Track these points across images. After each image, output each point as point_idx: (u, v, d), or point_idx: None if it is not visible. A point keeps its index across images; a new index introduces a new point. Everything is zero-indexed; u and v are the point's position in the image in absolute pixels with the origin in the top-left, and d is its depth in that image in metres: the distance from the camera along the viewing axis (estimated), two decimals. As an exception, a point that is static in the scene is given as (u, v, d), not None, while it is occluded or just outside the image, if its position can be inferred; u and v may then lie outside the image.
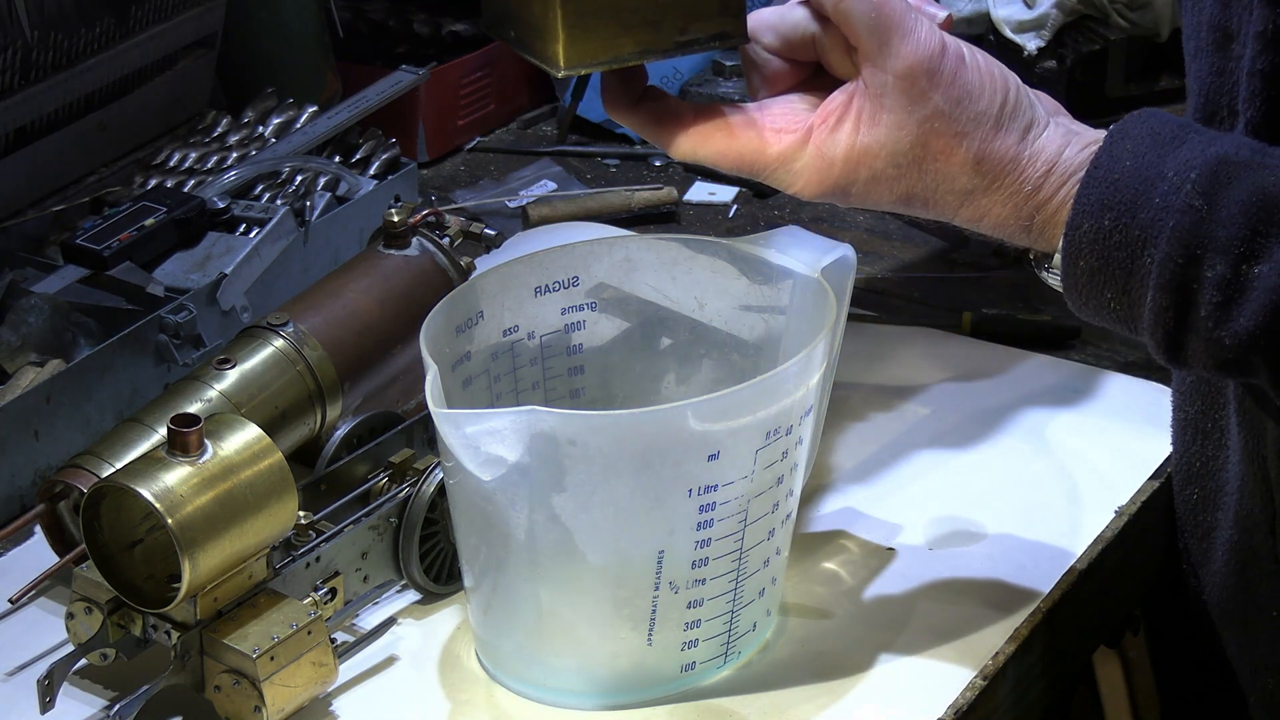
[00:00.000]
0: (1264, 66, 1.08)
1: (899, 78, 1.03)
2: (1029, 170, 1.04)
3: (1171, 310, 1.00)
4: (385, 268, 1.33)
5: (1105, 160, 1.02)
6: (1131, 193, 1.01)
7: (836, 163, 1.04)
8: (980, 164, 1.04)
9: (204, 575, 1.09)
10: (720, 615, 1.13)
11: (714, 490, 1.08)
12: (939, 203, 1.05)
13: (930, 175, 1.04)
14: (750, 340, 1.23)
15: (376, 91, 1.65)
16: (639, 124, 1.07)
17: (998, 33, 1.70)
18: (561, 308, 1.22)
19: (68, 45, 1.52)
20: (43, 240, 1.51)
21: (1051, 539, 1.26)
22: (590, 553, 1.09)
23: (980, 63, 1.04)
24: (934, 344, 1.46)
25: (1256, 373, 1.00)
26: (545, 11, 1.03)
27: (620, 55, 1.04)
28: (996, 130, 1.04)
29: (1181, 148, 1.01)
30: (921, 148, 1.03)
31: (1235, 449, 1.19)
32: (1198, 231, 0.99)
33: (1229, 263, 0.98)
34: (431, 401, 1.07)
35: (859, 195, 1.05)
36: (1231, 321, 0.99)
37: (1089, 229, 1.02)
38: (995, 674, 1.15)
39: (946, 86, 1.03)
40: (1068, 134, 1.05)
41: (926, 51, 1.03)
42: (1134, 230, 1.00)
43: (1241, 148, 1.00)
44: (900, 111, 1.03)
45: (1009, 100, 1.04)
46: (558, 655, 1.13)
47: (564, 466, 1.06)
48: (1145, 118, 1.03)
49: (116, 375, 1.34)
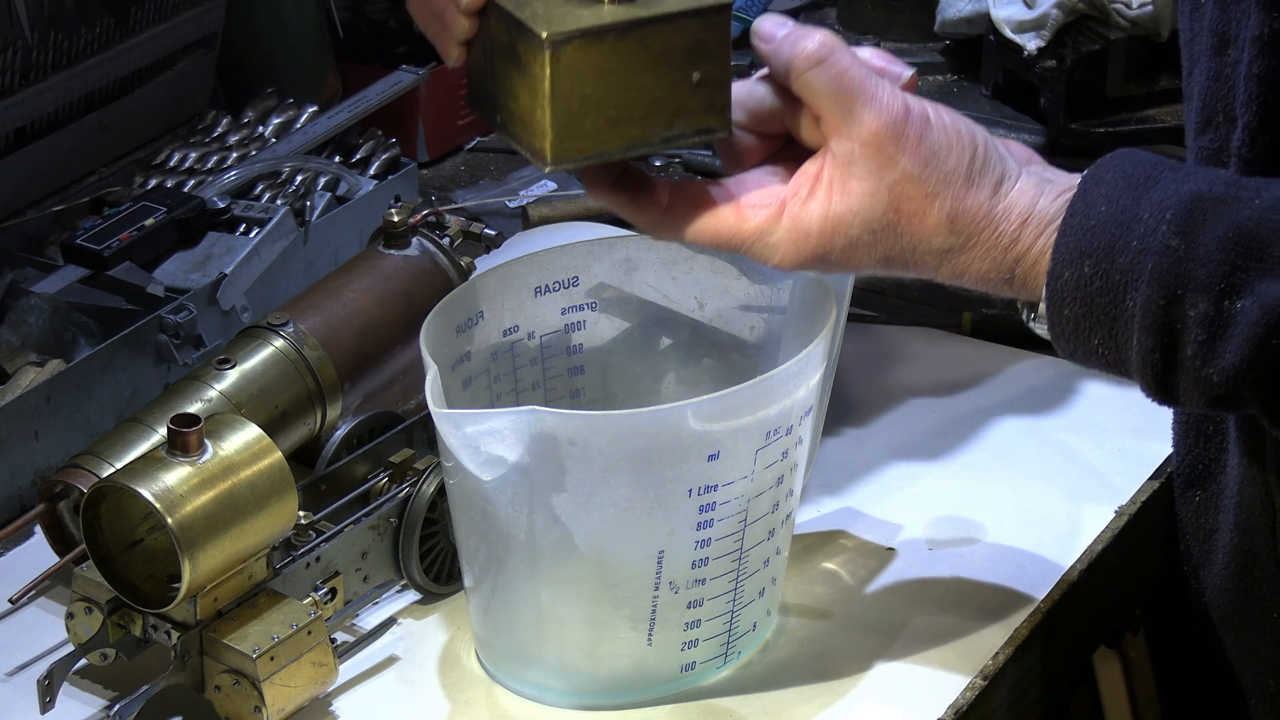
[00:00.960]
0: (1260, 70, 1.08)
1: (865, 145, 1.03)
2: (1004, 224, 1.04)
3: (1158, 352, 1.00)
4: (385, 268, 1.33)
5: (1080, 207, 1.02)
6: (1108, 238, 1.01)
7: (812, 233, 1.05)
8: (954, 222, 1.04)
9: (204, 575, 1.09)
10: (720, 615, 1.13)
11: (714, 490, 1.08)
12: (918, 263, 1.05)
13: (906, 237, 1.04)
14: (750, 340, 1.23)
15: (376, 91, 1.65)
16: (617, 205, 1.08)
17: (998, 33, 1.70)
18: (561, 308, 1.22)
19: (68, 45, 1.52)
20: (43, 240, 1.51)
21: (1051, 539, 1.26)
22: (590, 553, 1.09)
23: (946, 121, 1.04)
24: (934, 344, 1.46)
25: (1249, 406, 1.00)
26: (534, 107, 1.03)
27: (606, 151, 1.04)
28: (968, 187, 1.04)
29: (1155, 188, 1.01)
30: (894, 211, 1.04)
31: (1235, 452, 1.19)
32: (1177, 271, 0.99)
33: (1211, 300, 0.98)
34: (431, 401, 1.07)
35: (838, 262, 1.06)
36: (1218, 358, 0.99)
37: (1070, 277, 1.02)
38: (995, 674, 1.15)
39: (913, 149, 1.03)
40: (1040, 183, 1.05)
41: (890, 117, 1.03)
42: (1114, 275, 1.01)
43: (1215, 183, 1.01)
44: (870, 178, 1.03)
45: (977, 156, 1.04)
46: (558, 655, 1.13)
47: (564, 466, 1.06)
48: (1117, 160, 1.04)
49: (116, 375, 1.34)
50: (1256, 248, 0.98)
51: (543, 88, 1.02)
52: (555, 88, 1.02)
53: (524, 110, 1.04)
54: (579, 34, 1.01)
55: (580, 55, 1.01)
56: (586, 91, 1.02)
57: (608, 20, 1.02)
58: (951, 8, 1.77)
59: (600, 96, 1.03)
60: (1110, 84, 1.66)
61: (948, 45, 1.80)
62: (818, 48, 1.04)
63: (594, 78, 1.02)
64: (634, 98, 1.03)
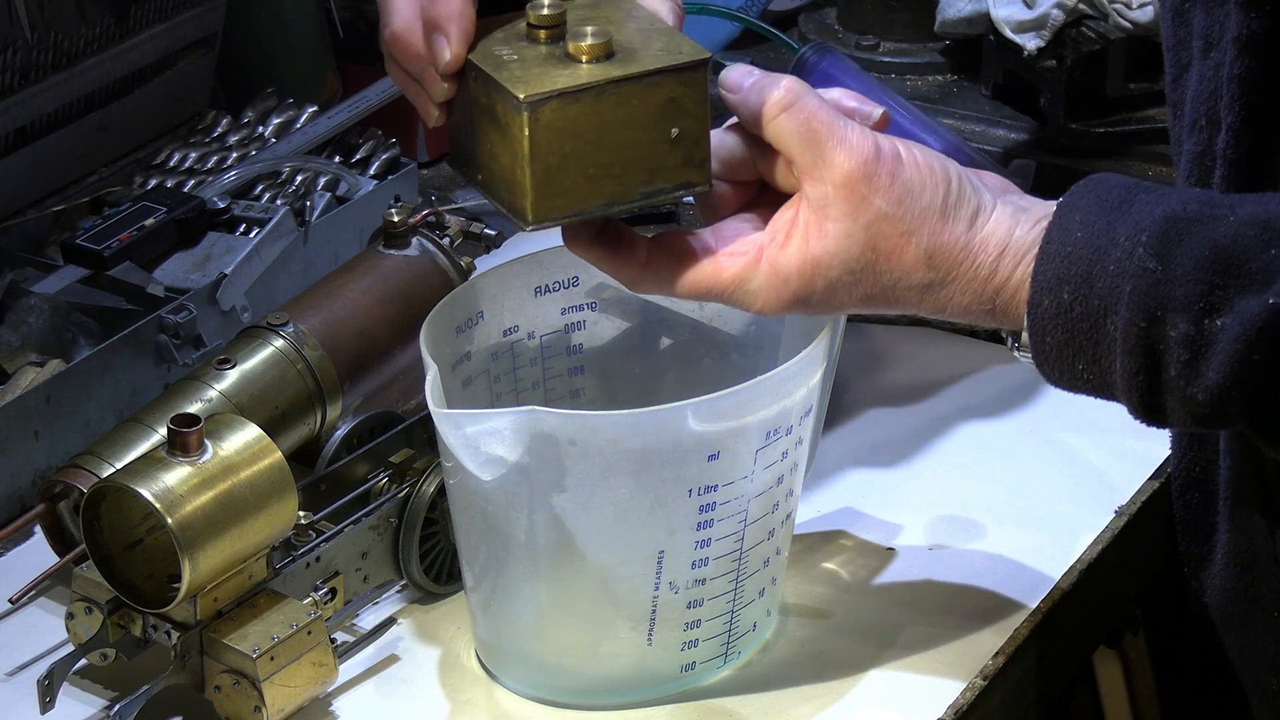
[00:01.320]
0: (1241, 71, 1.08)
1: (838, 188, 1.03)
2: (981, 256, 1.04)
3: (1142, 374, 1.01)
4: (385, 268, 1.33)
5: (1056, 234, 1.03)
6: (1086, 264, 1.01)
7: (792, 277, 1.05)
8: (932, 258, 1.04)
9: (204, 575, 1.09)
10: (720, 615, 1.13)
11: (714, 490, 1.08)
12: (899, 299, 1.06)
13: (885, 275, 1.05)
14: (750, 340, 1.23)
15: (376, 91, 1.64)
16: (596, 260, 1.09)
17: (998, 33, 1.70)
18: (561, 308, 1.22)
19: (68, 45, 1.52)
20: (43, 240, 1.51)
21: (1051, 539, 1.26)
22: (590, 553, 1.09)
23: (918, 158, 1.05)
24: (933, 344, 1.46)
25: (1235, 423, 1.01)
26: (514, 167, 1.04)
27: (586, 208, 1.05)
28: (943, 222, 1.04)
29: (1130, 211, 1.01)
30: (872, 251, 1.04)
31: (1228, 453, 1.19)
32: (1155, 293, 0.99)
33: (1191, 320, 0.99)
34: (431, 401, 1.07)
35: (820, 304, 1.06)
36: (1201, 377, 0.99)
37: (1050, 305, 1.02)
38: (995, 674, 1.15)
39: (886, 189, 1.03)
40: (1016, 212, 1.05)
41: (861, 158, 1.03)
42: (1093, 300, 1.01)
43: (1189, 203, 1.01)
44: (845, 220, 1.04)
45: (951, 191, 1.05)
46: (558, 655, 1.13)
47: (564, 466, 1.06)
48: (1091, 186, 1.04)
49: (116, 375, 1.34)
50: (1234, 265, 0.98)
51: (522, 148, 1.03)
52: (534, 148, 1.02)
53: (504, 170, 1.05)
54: (556, 94, 1.02)
55: (558, 115, 1.02)
56: (565, 151, 1.03)
57: (584, 80, 1.02)
58: (951, 8, 1.77)
59: (579, 155, 1.03)
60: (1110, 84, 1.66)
61: (948, 45, 1.80)
62: (784, 94, 1.04)
63: (572, 137, 1.03)
64: (613, 155, 1.04)
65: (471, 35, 1.06)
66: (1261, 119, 1.08)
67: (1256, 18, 1.07)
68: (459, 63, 1.06)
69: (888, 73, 1.77)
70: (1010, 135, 1.68)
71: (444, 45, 1.05)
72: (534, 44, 1.05)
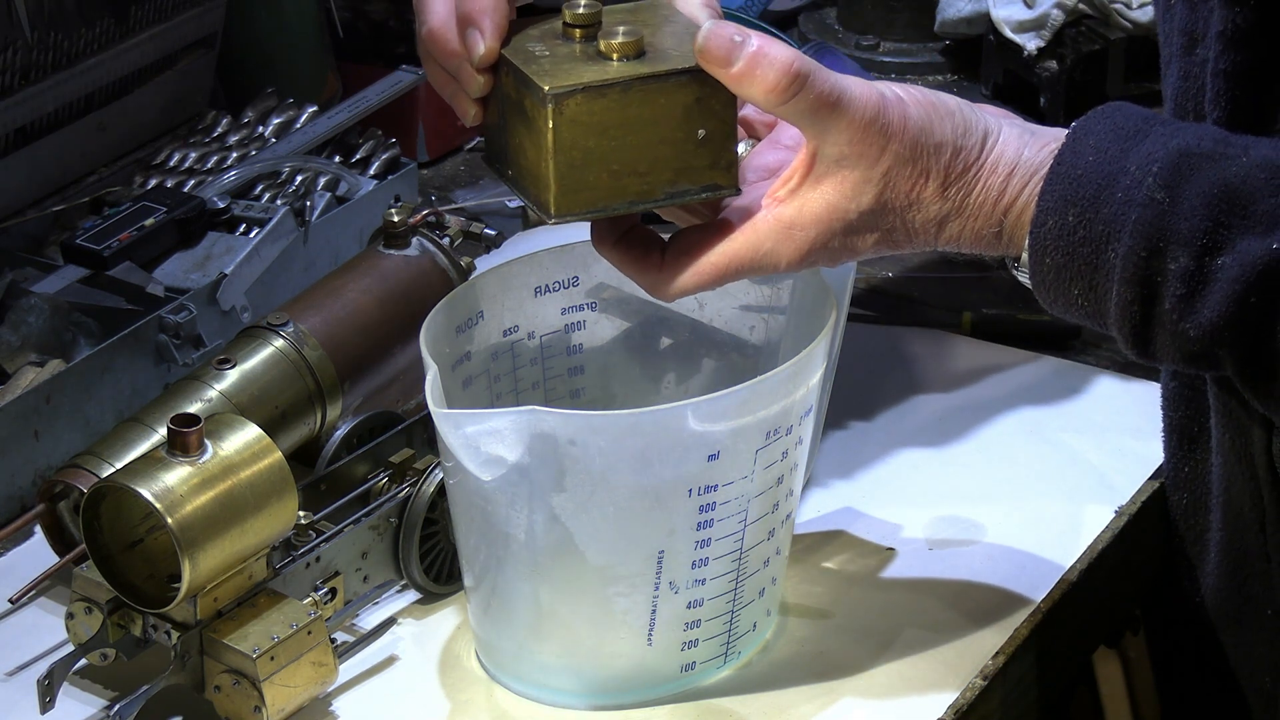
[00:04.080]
0: (1226, 66, 1.08)
1: (856, 145, 1.03)
2: (991, 178, 1.04)
3: (1137, 304, 1.01)
4: (385, 268, 1.33)
5: (1068, 156, 1.02)
6: (1094, 188, 1.01)
7: (809, 226, 1.05)
8: (947, 188, 1.04)
9: (204, 575, 1.09)
10: (720, 615, 1.13)
11: (714, 490, 1.08)
12: (918, 233, 1.06)
13: (904, 212, 1.05)
14: (750, 340, 1.23)
15: (376, 91, 1.65)
16: (619, 263, 1.09)
17: (998, 33, 1.70)
18: (561, 308, 1.22)
19: (68, 45, 1.52)
20: (43, 240, 1.51)
21: (1051, 539, 1.26)
22: (590, 553, 1.09)
23: (919, 97, 1.05)
24: (934, 344, 1.46)
25: (1223, 365, 1.01)
26: (539, 160, 1.04)
27: (610, 205, 1.05)
28: (956, 153, 1.04)
29: (1144, 141, 1.01)
30: (890, 191, 1.04)
31: (1218, 452, 1.19)
32: (1160, 224, 0.99)
33: (1192, 255, 0.98)
34: (431, 401, 1.07)
35: (841, 248, 1.05)
36: (1195, 314, 0.99)
37: (1053, 226, 1.02)
38: (995, 674, 1.15)
39: (899, 134, 1.03)
40: (1023, 133, 1.05)
41: (872, 112, 1.03)
42: (1097, 225, 1.01)
43: (1204, 138, 1.01)
44: (863, 169, 1.03)
45: (958, 121, 1.05)
46: (557, 655, 1.13)
47: (564, 466, 1.06)
48: (1110, 112, 1.04)
49: (116, 375, 1.34)
50: (1240, 204, 0.98)
51: (546, 141, 1.03)
52: (558, 141, 1.03)
53: (530, 164, 1.05)
54: (581, 88, 1.02)
55: (583, 110, 1.03)
56: (590, 146, 1.03)
57: (611, 76, 1.03)
58: (951, 8, 1.77)
59: (603, 151, 1.04)
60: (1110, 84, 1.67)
61: (948, 45, 1.80)
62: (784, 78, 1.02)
63: (597, 133, 1.03)
64: (638, 154, 1.04)
65: (505, 30, 1.06)
66: (1247, 113, 1.09)
67: (1241, 12, 1.07)
68: (493, 56, 1.06)
69: (888, 73, 1.77)
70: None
71: (478, 39, 1.06)
72: (568, 42, 1.06)
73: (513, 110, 1.06)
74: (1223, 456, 1.19)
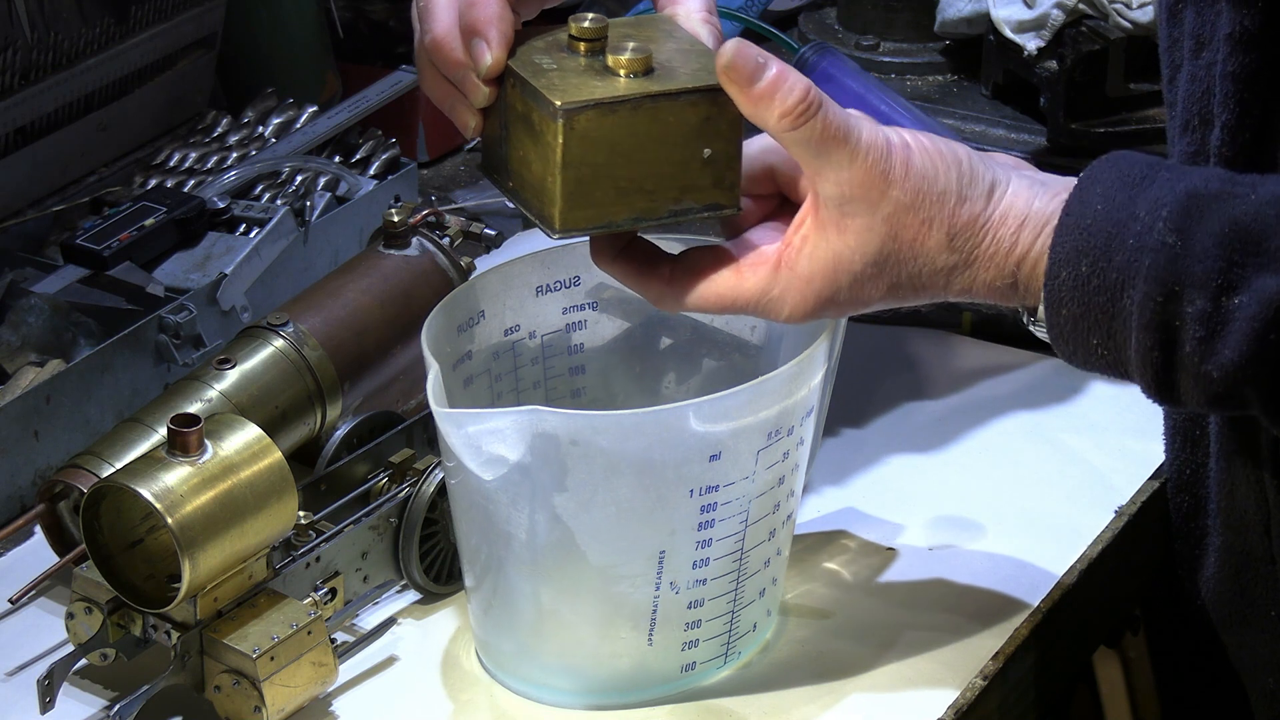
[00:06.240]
0: (1234, 68, 1.08)
1: (854, 187, 1.03)
2: (1001, 230, 1.04)
3: (1157, 350, 1.00)
4: (385, 268, 1.33)
5: (1076, 206, 1.02)
6: (1105, 236, 1.01)
7: (815, 278, 1.05)
8: (954, 239, 1.04)
9: (204, 575, 1.09)
10: (721, 615, 1.13)
11: (715, 491, 1.08)
12: (927, 285, 1.05)
13: (909, 263, 1.04)
14: (751, 340, 1.23)
15: (376, 91, 1.65)
16: (621, 276, 1.09)
17: (998, 33, 1.70)
18: (563, 307, 1.22)
19: (68, 45, 1.52)
20: (43, 240, 1.51)
21: (1051, 539, 1.26)
22: (591, 553, 1.09)
23: (926, 145, 1.04)
24: (934, 344, 1.46)
25: (1249, 404, 1.00)
26: (545, 174, 1.04)
27: (614, 222, 1.05)
28: (961, 203, 1.04)
29: (1151, 187, 1.01)
30: (894, 241, 1.04)
31: (1222, 455, 1.19)
32: (1174, 268, 0.99)
33: (1208, 296, 0.98)
34: (433, 401, 1.07)
35: (848, 301, 1.05)
36: (1217, 355, 0.99)
37: (1067, 277, 1.02)
38: (995, 674, 1.15)
39: (902, 180, 1.03)
40: (1034, 185, 1.05)
41: (876, 154, 1.03)
42: (1111, 274, 1.01)
43: (1211, 180, 1.01)
44: (864, 215, 1.03)
45: (964, 171, 1.04)
46: (558, 655, 1.13)
47: (566, 466, 1.06)
48: (1113, 161, 1.04)
49: (116, 375, 1.34)
50: (1253, 242, 0.98)
51: (554, 156, 1.03)
52: (567, 156, 1.03)
53: (535, 178, 1.05)
54: (592, 104, 1.03)
55: (593, 125, 1.03)
56: (597, 162, 1.03)
57: (621, 93, 1.03)
58: (951, 8, 1.77)
59: (611, 167, 1.04)
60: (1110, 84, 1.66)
61: (948, 45, 1.80)
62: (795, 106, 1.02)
63: (605, 149, 1.03)
64: (644, 171, 1.04)
65: (511, 40, 1.06)
66: (1256, 115, 1.08)
67: (1249, 14, 1.07)
68: (499, 67, 1.06)
69: (888, 73, 1.77)
70: (1010, 135, 1.68)
71: (484, 50, 1.05)
72: (574, 55, 1.06)
73: (517, 123, 1.06)
74: (1226, 460, 1.19)
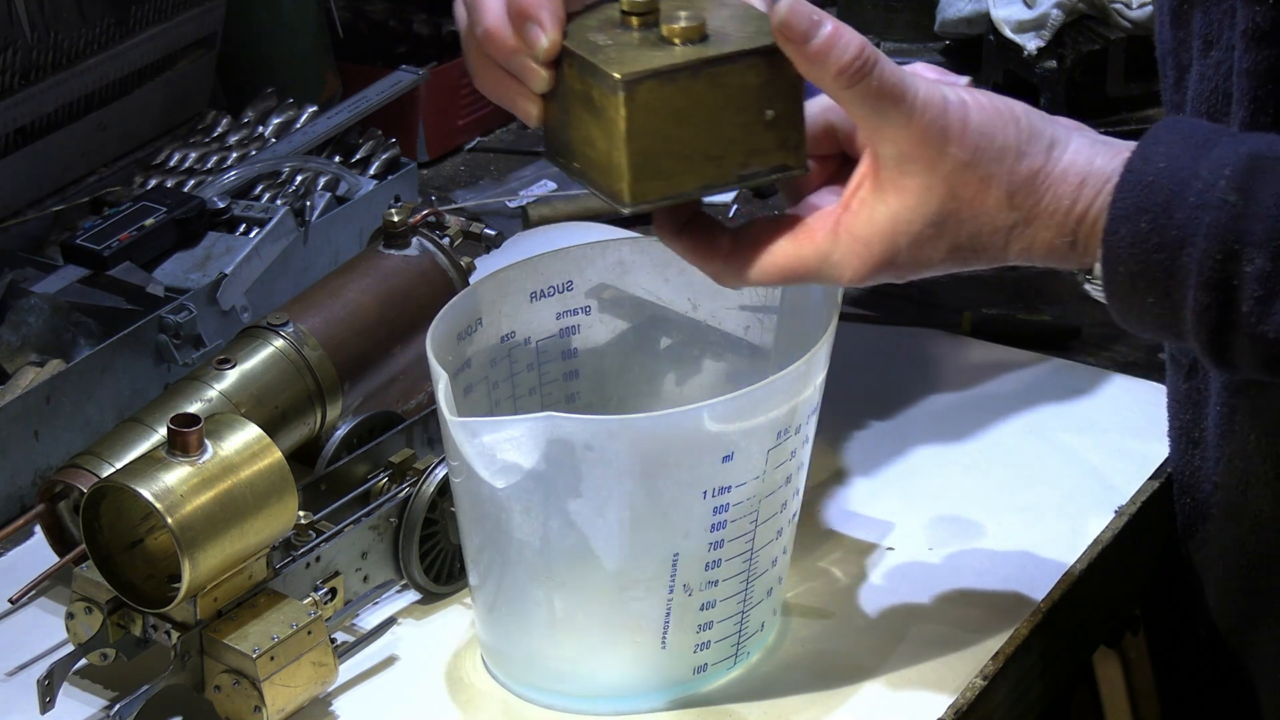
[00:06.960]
0: (1249, 65, 1.08)
1: (914, 145, 1.01)
2: (1061, 186, 1.02)
3: (1214, 309, 0.99)
4: (385, 268, 1.33)
5: (1138, 164, 1.01)
6: (1166, 194, 1.00)
7: (874, 240, 1.03)
8: (1014, 196, 1.02)
9: (204, 575, 1.09)
10: (731, 616, 1.13)
11: (727, 491, 1.08)
12: (987, 246, 1.04)
13: (970, 222, 1.03)
14: (746, 340, 1.23)
15: (376, 91, 1.65)
16: (682, 250, 1.07)
17: (998, 33, 1.70)
18: (557, 312, 1.22)
19: (68, 45, 1.52)
20: (43, 240, 1.51)
21: (1051, 539, 1.26)
22: (605, 557, 1.09)
23: (984, 101, 1.03)
24: (934, 344, 1.46)
25: None
26: (610, 150, 1.03)
27: (684, 190, 1.04)
28: (1020, 159, 1.02)
29: (1214, 149, 1.00)
30: (953, 200, 1.02)
31: (1233, 456, 1.19)
32: (1235, 227, 0.98)
33: (1268, 256, 0.97)
34: (445, 411, 1.06)
35: (908, 263, 1.04)
36: (1274, 315, 0.98)
37: (1126, 233, 1.01)
38: (995, 674, 1.15)
39: (960, 137, 1.02)
40: (1094, 143, 1.04)
41: (933, 112, 1.01)
42: (1171, 231, 1.00)
43: (1275, 144, 1.00)
44: (923, 174, 1.02)
45: (1023, 127, 1.03)
46: (569, 660, 1.13)
47: (580, 472, 1.06)
48: (1177, 123, 1.03)
49: (116, 375, 1.34)
50: None
51: (618, 129, 1.02)
52: (630, 128, 1.02)
53: (600, 155, 1.04)
54: (651, 74, 1.02)
55: (654, 95, 1.02)
56: (661, 132, 1.03)
57: (679, 60, 1.02)
58: (951, 8, 1.77)
59: (675, 136, 1.03)
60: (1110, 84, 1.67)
61: (948, 45, 1.80)
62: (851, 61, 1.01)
63: (668, 118, 1.02)
64: (708, 137, 1.03)
65: (564, 20, 1.05)
66: (1272, 110, 1.08)
67: (1261, 10, 1.07)
68: (556, 48, 1.05)
69: (887, 73, 1.77)
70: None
71: (539, 33, 1.04)
72: (627, 30, 1.05)
73: (577, 103, 1.05)
74: (1243, 460, 1.18)
